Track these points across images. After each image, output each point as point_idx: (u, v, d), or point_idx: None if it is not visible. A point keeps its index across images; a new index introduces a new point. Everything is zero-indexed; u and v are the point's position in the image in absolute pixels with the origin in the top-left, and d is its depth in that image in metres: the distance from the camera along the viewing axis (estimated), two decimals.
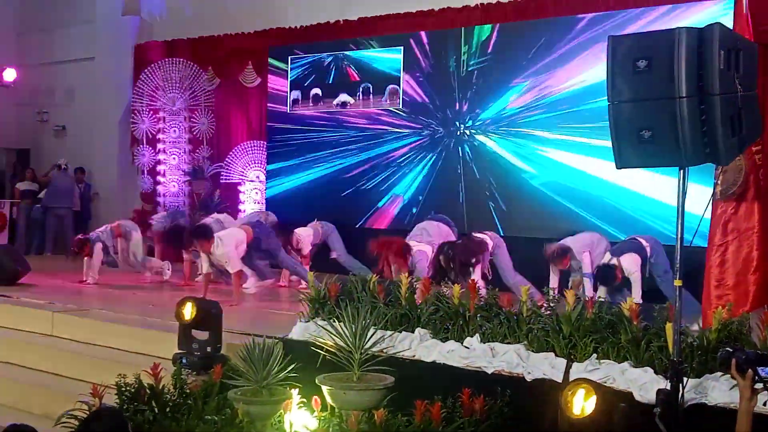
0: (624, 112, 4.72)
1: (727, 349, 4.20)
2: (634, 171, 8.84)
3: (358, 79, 12.98)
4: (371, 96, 12.83)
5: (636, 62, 4.63)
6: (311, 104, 13.49)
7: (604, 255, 8.80)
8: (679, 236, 4.80)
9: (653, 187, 10.01)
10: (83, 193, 16.14)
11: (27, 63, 17.58)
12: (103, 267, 11.40)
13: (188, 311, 6.81)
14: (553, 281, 8.96)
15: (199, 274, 10.60)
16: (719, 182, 6.15)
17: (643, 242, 8.55)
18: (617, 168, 4.93)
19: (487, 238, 9.52)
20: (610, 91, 4.75)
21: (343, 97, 13.13)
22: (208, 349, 6.75)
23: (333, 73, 13.24)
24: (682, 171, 4.75)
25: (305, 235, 11.23)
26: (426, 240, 9.63)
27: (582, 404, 4.82)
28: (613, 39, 4.76)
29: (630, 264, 8.35)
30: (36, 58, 17.53)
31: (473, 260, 9.06)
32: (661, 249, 8.49)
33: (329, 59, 13.28)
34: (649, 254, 8.45)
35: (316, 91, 13.42)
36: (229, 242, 9.63)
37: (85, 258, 11.23)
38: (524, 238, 11.02)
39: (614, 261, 8.38)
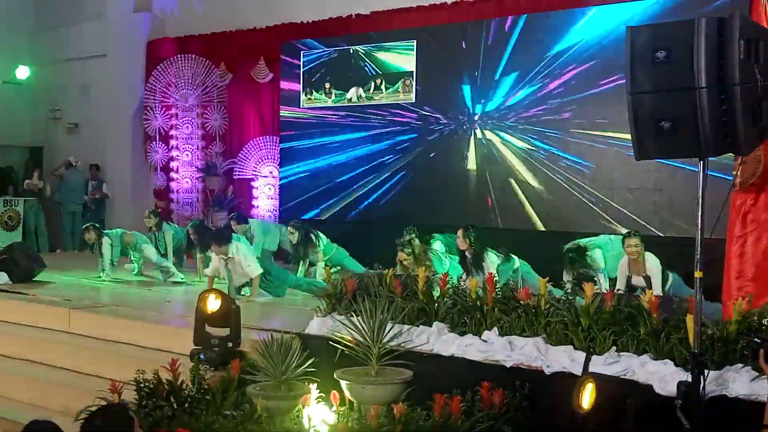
0: (643, 103, 4.69)
1: (755, 339, 4.16)
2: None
3: (370, 73, 12.95)
4: (384, 90, 12.80)
5: (655, 53, 4.59)
6: (324, 99, 13.48)
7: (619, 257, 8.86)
8: (699, 227, 4.77)
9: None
10: (96, 189, 16.19)
11: (40, 60, 17.63)
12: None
13: (211, 302, 6.81)
14: (567, 275, 8.98)
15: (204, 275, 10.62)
16: (738, 173, 6.09)
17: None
18: (636, 159, 4.90)
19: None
20: (630, 82, 4.71)
21: (356, 91, 13.10)
22: (229, 344, 6.75)
23: (345, 67, 13.21)
24: (702, 162, 4.72)
25: None
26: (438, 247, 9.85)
27: (589, 399, 4.84)
28: (632, 29, 4.72)
29: (653, 262, 8.38)
30: (49, 56, 17.56)
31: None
32: (683, 286, 8.46)
33: (341, 54, 13.25)
34: (669, 284, 8.46)
35: (329, 85, 13.40)
36: (245, 250, 9.76)
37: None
38: (540, 231, 11.04)
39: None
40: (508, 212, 11.53)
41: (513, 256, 9.39)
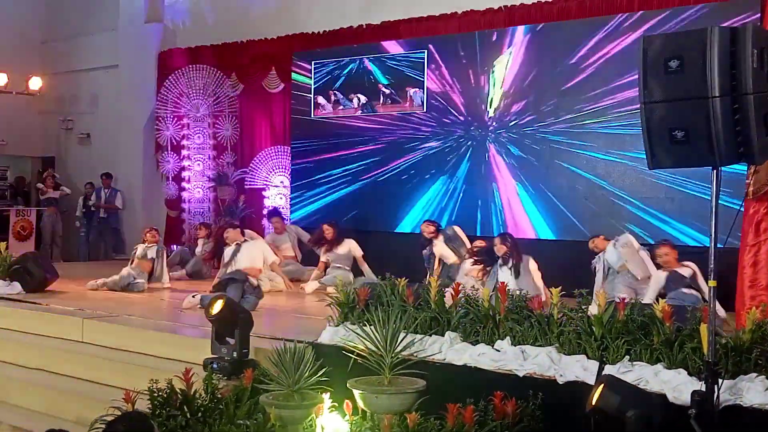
0: (656, 113, 4.69)
1: None
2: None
3: (381, 82, 12.99)
4: (395, 100, 12.84)
5: (668, 62, 4.60)
6: (335, 109, 13.52)
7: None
8: (712, 236, 4.77)
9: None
10: (108, 198, 16.25)
11: (52, 71, 17.75)
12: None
13: (217, 307, 6.84)
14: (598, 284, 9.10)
15: None
16: (751, 182, 6.10)
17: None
18: (650, 169, 4.91)
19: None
20: (642, 92, 4.72)
21: (367, 101, 13.14)
22: (234, 354, 6.75)
23: (356, 77, 13.25)
24: (715, 171, 4.72)
25: None
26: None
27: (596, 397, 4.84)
28: (645, 39, 4.73)
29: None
30: (60, 67, 17.70)
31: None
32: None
33: (352, 63, 13.30)
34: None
35: (340, 95, 13.45)
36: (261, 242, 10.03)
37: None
38: (556, 241, 11.05)
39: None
40: (521, 221, 11.54)
41: None
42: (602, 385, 4.85)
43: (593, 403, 4.81)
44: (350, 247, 11.40)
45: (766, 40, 4.65)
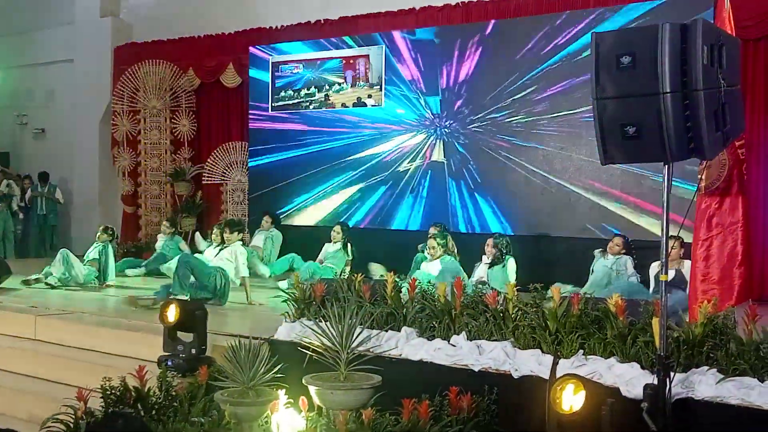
0: (608, 109, 4.70)
1: None
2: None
3: (339, 78, 12.97)
4: (353, 94, 12.81)
5: (620, 58, 4.61)
6: (293, 103, 13.46)
7: None
8: (664, 231, 4.81)
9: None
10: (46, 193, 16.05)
11: (6, 65, 17.49)
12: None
13: (171, 313, 6.77)
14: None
15: None
16: (703, 177, 6.15)
17: None
18: (602, 164, 4.93)
19: None
20: (594, 87, 4.73)
21: (325, 96, 13.11)
22: (192, 351, 6.69)
23: (314, 72, 13.22)
24: (667, 166, 4.75)
25: None
26: None
27: (571, 400, 4.82)
28: (597, 35, 4.74)
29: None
30: (15, 61, 17.46)
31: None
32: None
33: (311, 58, 13.25)
34: None
35: (298, 90, 13.40)
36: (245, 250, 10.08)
37: None
38: (524, 236, 11.11)
39: None
40: (480, 217, 11.58)
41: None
42: (572, 385, 4.77)
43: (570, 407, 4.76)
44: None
45: (716, 36, 4.69)
